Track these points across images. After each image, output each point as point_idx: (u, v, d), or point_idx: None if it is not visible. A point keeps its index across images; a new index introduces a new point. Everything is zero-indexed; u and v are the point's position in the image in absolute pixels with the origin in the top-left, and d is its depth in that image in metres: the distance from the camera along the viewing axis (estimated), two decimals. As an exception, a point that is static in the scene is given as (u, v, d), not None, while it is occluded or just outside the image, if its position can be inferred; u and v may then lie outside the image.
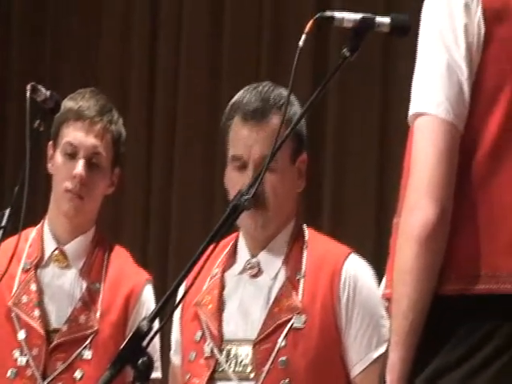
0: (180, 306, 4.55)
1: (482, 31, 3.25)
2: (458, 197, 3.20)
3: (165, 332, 5.68)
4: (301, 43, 3.52)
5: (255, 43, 8.65)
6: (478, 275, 3.23)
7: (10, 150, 8.80)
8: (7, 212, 4.30)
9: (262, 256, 4.58)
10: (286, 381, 4.51)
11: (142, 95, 8.92)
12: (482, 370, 3.01)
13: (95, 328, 4.93)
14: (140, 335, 3.22)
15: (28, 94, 4.08)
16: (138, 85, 8.89)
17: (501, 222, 3.20)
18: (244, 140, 4.40)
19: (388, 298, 3.30)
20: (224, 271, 4.63)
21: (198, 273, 3.34)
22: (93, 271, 5.07)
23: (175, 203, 8.06)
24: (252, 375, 4.55)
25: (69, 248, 5.07)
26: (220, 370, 4.58)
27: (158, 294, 4.94)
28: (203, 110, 8.57)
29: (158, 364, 5.08)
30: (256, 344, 4.47)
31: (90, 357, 4.60)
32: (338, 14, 3.36)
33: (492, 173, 3.23)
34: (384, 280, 3.44)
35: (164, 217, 8.14)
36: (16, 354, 4.91)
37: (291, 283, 4.62)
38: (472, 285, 3.16)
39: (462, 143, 3.19)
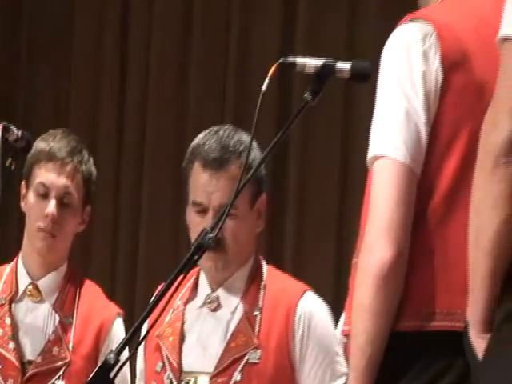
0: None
1: (440, 79, 3.33)
2: (415, 238, 3.27)
3: (133, 362, 6.02)
4: (264, 87, 3.67)
5: (221, 76, 8.72)
6: (434, 313, 3.32)
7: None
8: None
9: (221, 291, 4.66)
10: None
11: (111, 131, 8.80)
12: None
13: (67, 359, 5.01)
14: (107, 367, 3.33)
15: (0, 134, 4.41)
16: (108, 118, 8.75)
17: (456, 262, 3.25)
18: (204, 187, 4.49)
19: (346, 335, 3.38)
20: (185, 304, 4.68)
21: (163, 310, 3.47)
22: (65, 305, 5.15)
23: (143, 238, 8.04)
24: None
25: (42, 283, 5.19)
26: None
27: (126, 326, 5.12)
28: (171, 151, 8.49)
29: None
30: (213, 377, 4.51)
31: None
32: (299, 60, 3.57)
33: (447, 216, 3.31)
34: (343, 317, 3.57)
35: (132, 252, 8.14)
36: None
37: (248, 319, 4.67)
38: (428, 322, 3.28)
39: (419, 187, 3.27)
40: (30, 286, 5.20)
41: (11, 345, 5.12)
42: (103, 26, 9.48)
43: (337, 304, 4.71)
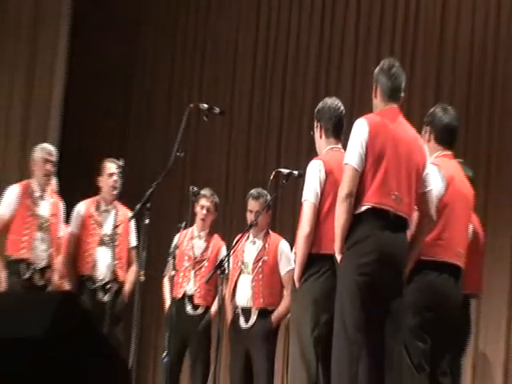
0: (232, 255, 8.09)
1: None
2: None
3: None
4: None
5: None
6: (321, 249, 6.28)
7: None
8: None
9: (256, 238, 8.41)
10: (261, 276, 8.28)
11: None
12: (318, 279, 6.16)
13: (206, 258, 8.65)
14: (221, 263, 8.06)
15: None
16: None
17: (327, 231, 6.14)
18: None
19: (295, 253, 6.53)
20: (245, 241, 8.32)
21: (238, 243, 7.67)
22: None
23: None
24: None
25: None
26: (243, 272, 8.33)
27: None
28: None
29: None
30: (253, 263, 8.32)
31: None
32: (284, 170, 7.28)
33: (327, 215, 6.21)
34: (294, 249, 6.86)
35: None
36: None
37: (264, 246, 8.38)
38: (322, 249, 6.21)
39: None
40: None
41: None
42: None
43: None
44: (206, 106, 7.36)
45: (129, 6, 12.68)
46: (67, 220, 8.76)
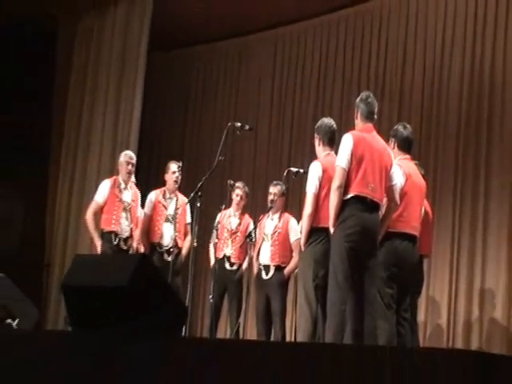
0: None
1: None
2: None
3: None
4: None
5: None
6: (319, 218, 6.18)
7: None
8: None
9: (275, 215, 8.24)
10: (276, 243, 8.17)
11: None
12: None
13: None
14: (250, 233, 7.95)
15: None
16: None
17: (323, 211, 6.12)
18: None
19: (301, 226, 6.56)
20: (266, 218, 8.23)
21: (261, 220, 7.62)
22: None
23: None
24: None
25: None
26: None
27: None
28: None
29: None
30: (271, 234, 8.17)
31: None
32: (293, 168, 7.47)
33: (323, 200, 6.18)
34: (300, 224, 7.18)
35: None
36: None
37: (279, 220, 8.25)
38: (319, 224, 6.17)
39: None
40: None
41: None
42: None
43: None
44: (239, 124, 7.66)
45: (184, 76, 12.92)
46: (143, 204, 8.78)
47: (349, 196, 5.81)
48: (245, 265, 8.48)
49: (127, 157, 8.77)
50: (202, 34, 12.22)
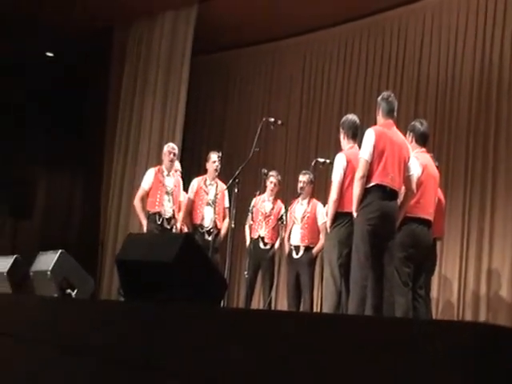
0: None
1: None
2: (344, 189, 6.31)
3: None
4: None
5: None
6: (344, 204, 6.20)
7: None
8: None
9: (304, 200, 8.15)
10: (306, 225, 8.08)
11: None
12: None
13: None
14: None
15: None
16: None
17: (347, 198, 6.13)
18: None
19: (327, 211, 6.75)
20: (296, 204, 8.18)
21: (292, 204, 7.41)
22: None
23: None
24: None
25: None
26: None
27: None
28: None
29: None
30: (301, 219, 8.11)
31: None
32: (320, 159, 7.50)
33: (347, 188, 6.20)
34: (325, 208, 7.23)
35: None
36: None
37: (308, 205, 8.15)
38: (344, 209, 6.17)
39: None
40: None
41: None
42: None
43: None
44: (272, 119, 7.64)
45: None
46: (186, 190, 8.81)
47: (371, 185, 5.77)
48: (277, 245, 8.43)
49: (169, 147, 8.81)
50: (239, 39, 12.26)
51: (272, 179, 8.53)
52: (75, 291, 5.29)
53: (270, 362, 2.16)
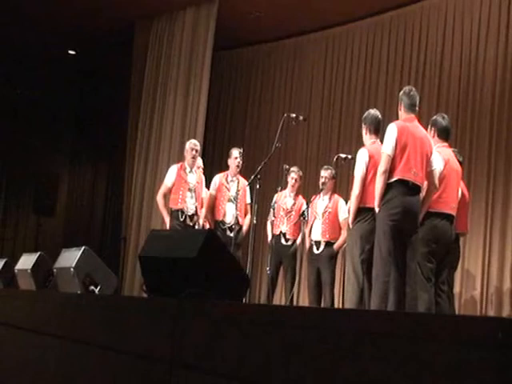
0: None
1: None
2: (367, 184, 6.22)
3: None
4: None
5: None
6: (366, 199, 6.13)
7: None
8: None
9: (325, 196, 8.14)
10: (327, 221, 8.06)
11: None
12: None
13: None
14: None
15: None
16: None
17: (369, 193, 6.05)
18: None
19: (349, 207, 6.43)
20: (317, 200, 8.13)
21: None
22: None
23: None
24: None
25: None
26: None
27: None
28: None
29: None
30: (323, 214, 8.08)
31: None
32: (342, 155, 7.47)
33: (369, 183, 6.15)
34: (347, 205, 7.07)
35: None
36: None
37: (330, 201, 8.14)
38: (366, 204, 6.10)
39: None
40: None
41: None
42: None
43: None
44: (294, 115, 7.66)
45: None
46: (208, 186, 8.81)
47: (393, 180, 5.74)
48: (298, 240, 8.39)
49: (191, 144, 8.76)
50: (260, 35, 12.28)
51: (293, 175, 8.49)
52: (98, 288, 5.33)
53: (296, 359, 2.18)
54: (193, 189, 8.55)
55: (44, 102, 13.99)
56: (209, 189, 8.77)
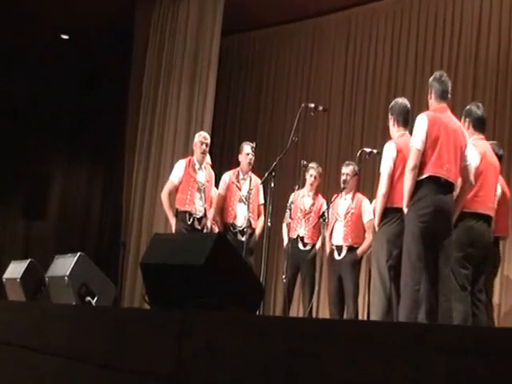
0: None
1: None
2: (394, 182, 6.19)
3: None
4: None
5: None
6: (394, 198, 6.03)
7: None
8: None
9: (348, 195, 8.15)
10: (349, 223, 8.04)
11: None
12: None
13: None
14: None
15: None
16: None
17: (397, 191, 5.99)
18: None
19: (375, 207, 6.49)
20: (338, 200, 8.11)
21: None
22: None
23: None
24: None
25: None
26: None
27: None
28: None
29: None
30: (345, 215, 8.04)
31: None
32: (366, 149, 7.33)
33: (397, 181, 6.07)
34: (372, 204, 7.20)
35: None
36: None
37: (352, 201, 8.09)
38: (393, 203, 6.03)
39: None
40: None
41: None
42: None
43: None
44: (313, 105, 7.67)
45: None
46: (217, 185, 8.80)
47: (423, 176, 5.72)
48: (318, 245, 8.38)
49: (201, 137, 8.74)
50: (275, 16, 12.16)
51: (312, 172, 8.48)
52: (95, 298, 5.34)
53: (311, 375, 2.14)
54: (202, 188, 8.55)
55: (44, 102, 14.02)
56: (218, 188, 8.77)
